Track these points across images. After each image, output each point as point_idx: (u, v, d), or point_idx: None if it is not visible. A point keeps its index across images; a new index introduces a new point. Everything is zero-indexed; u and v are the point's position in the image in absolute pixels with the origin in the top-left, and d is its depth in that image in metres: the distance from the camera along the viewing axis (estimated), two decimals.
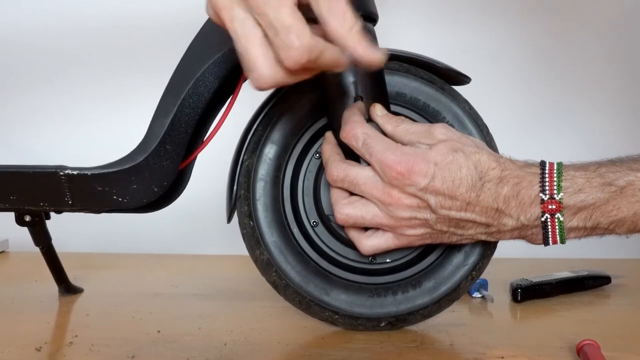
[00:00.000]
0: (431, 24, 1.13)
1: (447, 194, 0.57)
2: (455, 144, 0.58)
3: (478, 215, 0.57)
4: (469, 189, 0.56)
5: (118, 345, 0.64)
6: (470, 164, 0.57)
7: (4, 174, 0.65)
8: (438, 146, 0.58)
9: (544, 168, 0.57)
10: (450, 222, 0.58)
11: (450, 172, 0.57)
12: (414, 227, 0.59)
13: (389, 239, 0.61)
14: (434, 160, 0.57)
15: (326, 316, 0.66)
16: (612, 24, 1.10)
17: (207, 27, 0.63)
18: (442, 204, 0.57)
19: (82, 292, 0.83)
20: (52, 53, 1.17)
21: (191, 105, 0.62)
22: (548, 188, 0.56)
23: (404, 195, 0.57)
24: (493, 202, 0.57)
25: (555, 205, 0.56)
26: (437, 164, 0.57)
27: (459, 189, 0.56)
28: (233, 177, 0.67)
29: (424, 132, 0.60)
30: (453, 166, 0.57)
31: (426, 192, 0.57)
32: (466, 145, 0.58)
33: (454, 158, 0.57)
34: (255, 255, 0.66)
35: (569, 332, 0.65)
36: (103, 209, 0.66)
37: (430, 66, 0.67)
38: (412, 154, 0.57)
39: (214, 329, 0.69)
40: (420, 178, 0.56)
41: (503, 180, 0.57)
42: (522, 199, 0.56)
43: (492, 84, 1.08)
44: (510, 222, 0.57)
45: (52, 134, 1.18)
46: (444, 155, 0.57)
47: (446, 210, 0.57)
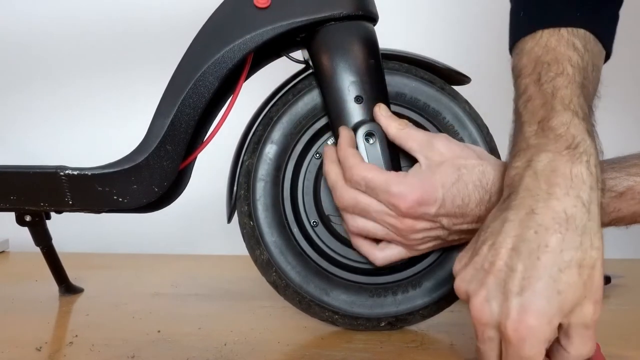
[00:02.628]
0: (431, 24, 1.13)
1: (457, 213, 0.57)
2: (458, 160, 0.58)
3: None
4: (478, 204, 0.57)
5: (118, 345, 0.64)
6: (475, 179, 0.57)
7: (4, 174, 0.65)
8: (441, 168, 0.58)
9: None
10: (461, 232, 0.60)
11: (459, 190, 0.57)
12: (427, 242, 0.60)
13: (401, 251, 0.62)
14: (441, 183, 0.57)
15: (326, 316, 0.66)
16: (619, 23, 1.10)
17: (207, 28, 0.63)
18: (454, 222, 0.58)
19: (82, 292, 0.83)
20: (52, 53, 1.17)
21: (191, 106, 0.63)
22: None
23: (416, 222, 0.58)
24: None
25: None
26: (444, 185, 0.57)
27: (469, 205, 0.57)
28: (233, 177, 0.67)
29: (426, 142, 0.60)
30: (459, 184, 0.57)
31: (438, 216, 0.57)
32: (468, 159, 0.58)
33: (459, 176, 0.57)
34: (255, 255, 0.66)
35: None
36: (103, 209, 0.66)
37: (430, 66, 0.67)
38: (418, 183, 0.57)
39: (214, 329, 0.69)
40: (430, 207, 0.57)
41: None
42: None
43: (492, 84, 1.08)
44: None
45: (52, 134, 1.18)
46: (448, 176, 0.57)
47: (458, 226, 0.58)
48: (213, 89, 0.63)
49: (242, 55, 0.62)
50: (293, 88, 0.67)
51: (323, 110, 0.65)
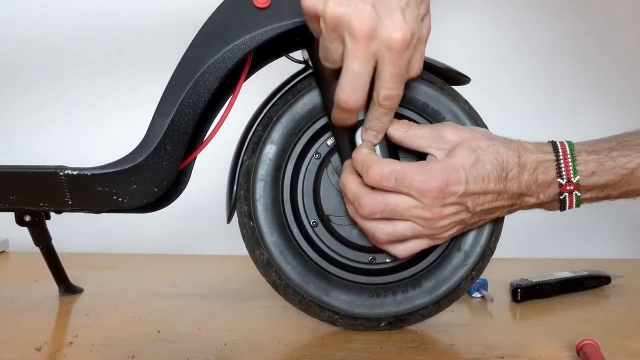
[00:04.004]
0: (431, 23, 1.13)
1: (480, 192, 0.59)
2: (471, 142, 0.60)
3: (507, 201, 0.61)
4: (497, 182, 0.59)
5: (118, 345, 0.64)
6: (491, 158, 0.59)
7: (4, 174, 0.65)
8: (457, 150, 0.59)
9: (557, 152, 0.60)
10: (482, 213, 0.61)
11: (478, 171, 0.58)
12: (451, 228, 0.61)
13: (423, 242, 0.62)
14: (461, 165, 0.58)
15: (326, 316, 0.66)
16: (614, 23, 1.10)
17: (207, 28, 0.63)
18: (477, 203, 0.59)
19: (82, 292, 0.83)
20: (52, 53, 1.17)
21: (191, 106, 0.62)
22: (565, 173, 0.59)
23: (444, 208, 0.59)
24: (517, 188, 0.60)
25: (573, 186, 0.60)
26: (464, 167, 0.58)
27: (489, 184, 0.59)
28: (233, 177, 0.67)
29: (434, 135, 0.61)
30: (478, 165, 0.59)
31: (464, 198, 0.59)
32: (480, 140, 0.60)
33: (477, 157, 0.59)
34: (255, 255, 0.66)
35: (568, 332, 0.65)
36: (103, 209, 0.66)
37: (430, 66, 0.67)
38: (441, 168, 0.58)
39: (214, 329, 0.69)
40: (457, 187, 0.58)
41: (522, 167, 0.59)
42: (540, 183, 0.60)
43: (492, 83, 1.08)
44: (531, 200, 0.61)
45: (52, 134, 1.18)
46: (466, 158, 0.59)
47: (480, 206, 0.60)
48: (213, 89, 0.63)
49: (241, 55, 0.62)
50: (293, 88, 0.67)
51: (323, 110, 0.65)
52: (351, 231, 0.66)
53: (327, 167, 0.66)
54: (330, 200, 0.66)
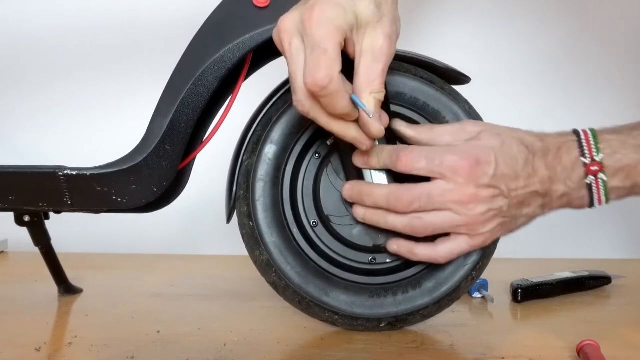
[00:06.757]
0: (431, 23, 1.13)
1: (511, 175, 0.59)
2: (493, 128, 0.61)
3: (539, 185, 0.60)
4: (525, 164, 0.59)
5: (117, 346, 0.64)
6: (517, 142, 0.60)
7: (3, 174, 0.65)
8: (482, 135, 0.60)
9: (578, 135, 0.61)
10: (519, 203, 0.60)
11: (506, 154, 0.59)
12: (490, 220, 0.60)
13: (462, 241, 0.61)
14: (490, 147, 0.59)
15: (326, 317, 0.66)
16: (616, 22, 1.10)
17: (206, 27, 0.63)
18: (510, 187, 0.59)
19: (81, 292, 0.83)
20: (52, 53, 1.17)
21: (191, 105, 0.62)
22: (587, 152, 0.59)
23: (478, 189, 0.59)
24: (545, 170, 0.60)
25: (598, 167, 0.59)
26: (493, 149, 0.59)
27: (518, 166, 0.59)
28: (232, 177, 0.67)
29: (457, 130, 0.62)
30: (505, 147, 0.59)
31: (496, 179, 0.59)
32: (501, 128, 0.61)
33: (502, 140, 0.60)
34: (255, 255, 0.66)
35: (569, 333, 0.65)
36: (102, 209, 0.66)
37: (430, 66, 0.67)
38: (470, 148, 0.59)
39: (214, 329, 0.69)
40: (488, 167, 0.58)
41: (545, 150, 0.60)
42: (565, 164, 0.60)
43: (492, 84, 1.08)
44: (560, 188, 0.60)
45: (51, 134, 1.18)
46: (493, 141, 0.60)
47: (515, 191, 0.60)
48: (212, 88, 0.62)
49: (241, 54, 0.62)
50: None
51: None
52: (351, 231, 0.65)
53: (327, 167, 0.66)
54: (330, 200, 0.66)
